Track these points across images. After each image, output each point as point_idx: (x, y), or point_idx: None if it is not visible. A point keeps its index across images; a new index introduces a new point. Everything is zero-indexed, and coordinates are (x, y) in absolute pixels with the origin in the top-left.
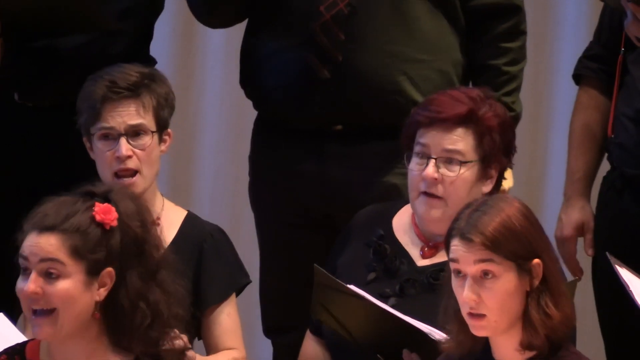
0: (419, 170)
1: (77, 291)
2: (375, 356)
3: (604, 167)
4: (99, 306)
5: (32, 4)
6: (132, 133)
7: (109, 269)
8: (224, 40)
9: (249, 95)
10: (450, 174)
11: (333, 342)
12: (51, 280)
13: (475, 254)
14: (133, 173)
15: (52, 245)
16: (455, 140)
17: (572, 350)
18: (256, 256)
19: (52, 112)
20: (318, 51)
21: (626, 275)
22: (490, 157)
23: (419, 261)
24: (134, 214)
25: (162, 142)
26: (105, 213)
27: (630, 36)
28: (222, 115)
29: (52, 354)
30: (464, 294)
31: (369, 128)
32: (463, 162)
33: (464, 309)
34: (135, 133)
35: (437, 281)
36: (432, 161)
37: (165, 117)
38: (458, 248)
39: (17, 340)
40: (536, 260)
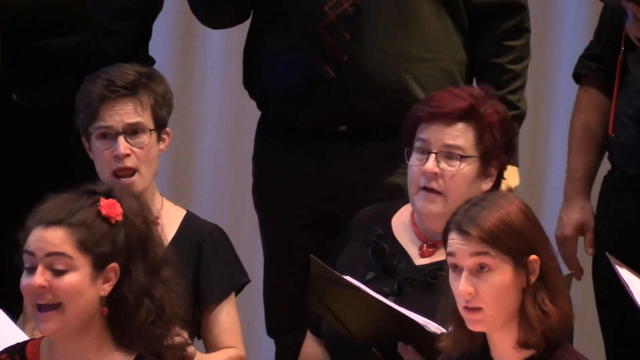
0: (419, 166)
1: (84, 285)
2: (370, 350)
3: (605, 167)
4: (104, 302)
5: (30, 4)
6: (130, 131)
7: (114, 264)
8: (224, 40)
9: (252, 96)
10: (450, 168)
11: (332, 342)
12: (58, 274)
13: (471, 247)
14: (132, 172)
15: (59, 238)
16: (455, 135)
17: (569, 350)
18: (256, 256)
19: (52, 112)
20: (323, 51)
21: (626, 275)
22: (490, 154)
23: (417, 260)
24: (137, 211)
25: (160, 141)
26: (110, 207)
27: (630, 36)
28: (222, 115)
29: (53, 353)
30: (460, 287)
31: (372, 128)
32: (463, 157)
33: (460, 303)
34: (133, 131)
35: (435, 280)
36: (433, 156)
37: (163, 115)
38: (455, 241)
39: (16, 337)
40: (533, 256)
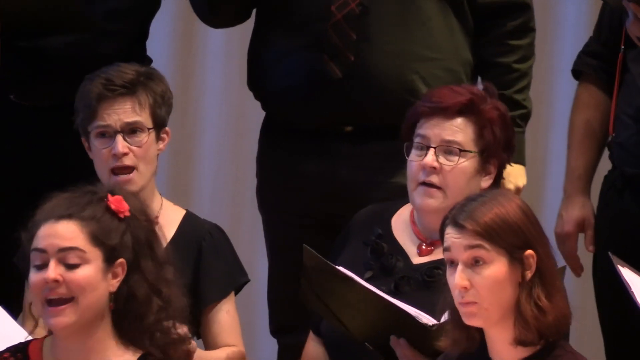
0: (418, 161)
1: (97, 278)
2: (363, 345)
3: (606, 166)
4: (113, 297)
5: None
6: (129, 130)
7: (122, 260)
8: (224, 40)
9: (257, 97)
10: (449, 163)
11: (331, 341)
12: (71, 268)
13: (466, 240)
14: (130, 170)
15: (72, 232)
16: (455, 131)
17: (568, 349)
18: (256, 256)
19: (51, 112)
20: (329, 51)
21: (628, 275)
22: (489, 151)
23: (415, 259)
24: (140, 209)
25: (160, 140)
26: (119, 203)
27: (631, 36)
28: (222, 115)
29: (56, 353)
30: (455, 280)
31: (377, 128)
32: (462, 152)
33: (456, 297)
34: (132, 130)
35: (431, 278)
36: (432, 150)
37: (162, 115)
38: (450, 235)
39: (17, 334)
40: (529, 251)
